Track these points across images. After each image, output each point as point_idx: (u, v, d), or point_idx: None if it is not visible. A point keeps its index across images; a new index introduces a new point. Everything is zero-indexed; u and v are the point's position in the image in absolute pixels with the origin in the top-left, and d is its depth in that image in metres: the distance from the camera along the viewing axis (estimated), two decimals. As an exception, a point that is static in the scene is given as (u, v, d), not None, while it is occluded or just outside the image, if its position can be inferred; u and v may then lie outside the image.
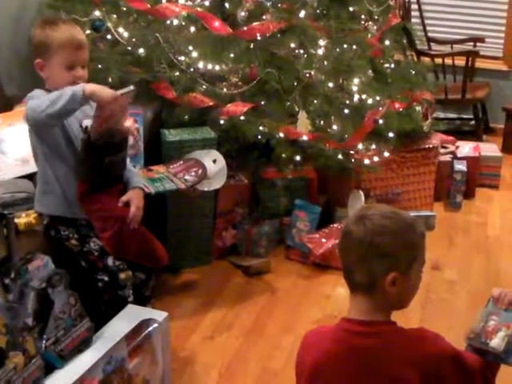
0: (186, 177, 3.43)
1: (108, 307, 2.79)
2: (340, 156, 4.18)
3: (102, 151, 2.79)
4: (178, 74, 3.89)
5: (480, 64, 6.38)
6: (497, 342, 1.92)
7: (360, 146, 4.28)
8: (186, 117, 3.89)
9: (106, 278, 2.82)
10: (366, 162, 4.32)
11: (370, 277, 1.91)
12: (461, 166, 5.08)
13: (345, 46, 4.29)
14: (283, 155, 4.03)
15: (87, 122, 2.82)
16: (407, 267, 1.91)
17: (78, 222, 2.92)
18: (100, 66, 3.83)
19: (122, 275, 2.83)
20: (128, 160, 3.10)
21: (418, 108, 4.88)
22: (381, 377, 1.89)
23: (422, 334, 1.96)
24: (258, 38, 3.91)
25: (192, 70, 3.89)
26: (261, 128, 3.93)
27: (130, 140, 3.35)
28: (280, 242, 4.31)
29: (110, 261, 2.84)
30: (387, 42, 4.83)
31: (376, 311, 1.94)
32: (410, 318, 2.11)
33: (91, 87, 2.63)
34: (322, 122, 4.15)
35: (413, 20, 6.29)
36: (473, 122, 6.53)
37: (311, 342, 2.08)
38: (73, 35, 2.85)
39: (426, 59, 6.03)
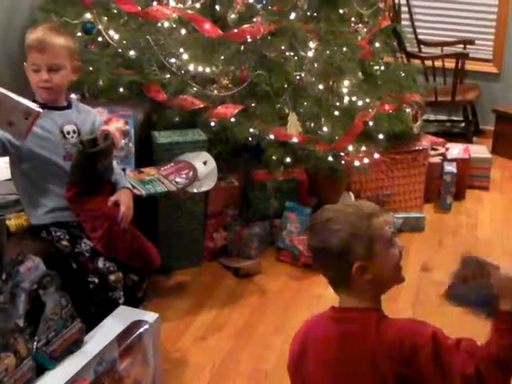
0: (177, 179, 3.44)
1: (99, 309, 2.78)
2: (330, 158, 4.19)
3: (95, 158, 2.85)
4: (168, 76, 3.91)
5: (470, 66, 6.39)
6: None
7: (350, 148, 4.30)
8: (177, 119, 3.90)
9: (97, 280, 2.82)
10: (356, 163, 4.34)
11: (339, 275, 1.98)
12: (451, 168, 5.09)
13: (335, 48, 4.30)
14: (274, 157, 4.04)
15: (69, 128, 2.92)
16: (368, 253, 1.93)
17: (69, 224, 2.93)
18: (91, 68, 3.85)
19: (112, 277, 2.83)
20: (115, 162, 3.12)
21: (408, 110, 4.90)
22: (356, 361, 1.92)
23: (400, 321, 1.98)
24: (249, 40, 3.92)
25: (183, 72, 3.91)
26: (251, 130, 3.94)
27: (121, 142, 3.37)
28: (271, 244, 4.32)
29: (100, 263, 2.84)
30: (377, 45, 4.84)
31: (359, 299, 1.98)
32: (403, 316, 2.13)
33: None
34: (312, 123, 4.17)
35: (403, 22, 6.29)
36: (463, 124, 6.55)
37: (305, 325, 2.15)
38: (39, 37, 2.85)
39: (416, 61, 6.03)
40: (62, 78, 2.93)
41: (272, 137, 4.00)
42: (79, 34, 3.96)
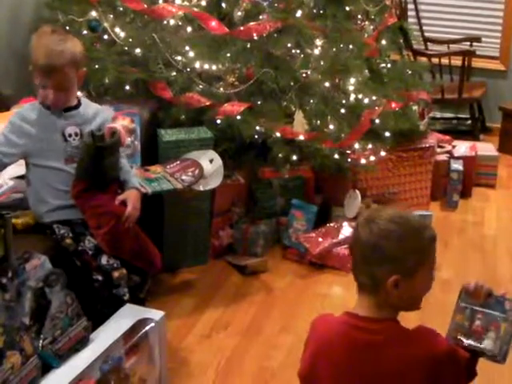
0: (183, 177, 3.44)
1: (105, 306, 2.79)
2: (336, 155, 4.18)
3: (103, 153, 2.86)
4: (174, 73, 3.90)
5: (476, 63, 6.38)
6: (490, 343, 1.95)
7: (356, 146, 4.29)
8: (183, 117, 3.89)
9: (101, 278, 2.82)
10: (363, 161, 4.33)
11: (373, 279, 1.93)
12: (457, 166, 5.08)
13: (341, 45, 4.29)
14: (280, 155, 4.03)
15: (70, 130, 2.92)
16: (412, 271, 1.92)
17: (72, 222, 2.93)
18: (97, 66, 3.84)
19: (116, 274, 2.83)
20: (126, 161, 3.12)
21: (415, 107, 4.89)
22: (380, 373, 1.91)
23: (421, 333, 1.97)
24: (255, 37, 3.91)
25: (189, 69, 3.90)
26: (257, 128, 3.93)
27: (128, 139, 3.37)
28: (277, 242, 4.32)
29: (103, 260, 2.84)
30: (384, 42, 4.83)
31: (380, 309, 1.95)
32: (407, 318, 2.11)
33: None
34: (318, 121, 4.15)
35: (409, 20, 6.27)
36: (469, 122, 6.53)
37: (317, 330, 2.10)
38: (45, 59, 2.81)
39: (423, 59, 6.02)
40: (70, 94, 2.94)
41: (278, 134, 3.99)
42: (85, 31, 3.96)
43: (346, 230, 4.17)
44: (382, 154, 4.48)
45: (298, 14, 4.08)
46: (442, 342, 1.94)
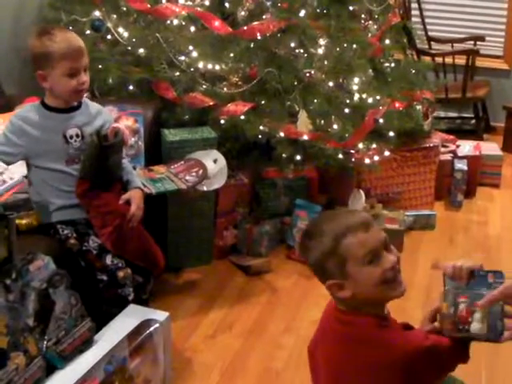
0: (187, 177, 3.43)
1: (109, 307, 2.79)
2: (340, 155, 4.17)
3: (107, 152, 2.87)
4: (178, 73, 3.90)
5: (480, 63, 6.38)
6: (477, 326, 1.91)
7: (360, 146, 4.28)
8: (187, 117, 3.89)
9: (105, 278, 2.83)
10: (367, 161, 4.32)
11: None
12: (461, 165, 5.07)
13: (345, 45, 4.27)
14: (284, 155, 4.03)
15: (72, 132, 2.92)
16: (341, 272, 1.94)
17: (76, 221, 2.93)
18: (100, 66, 3.84)
19: (121, 273, 2.83)
20: (128, 161, 3.13)
21: (419, 107, 4.88)
22: (357, 367, 1.93)
23: (392, 333, 1.98)
24: (258, 37, 3.91)
25: (192, 69, 3.89)
26: (261, 128, 3.93)
27: (131, 140, 3.38)
28: (281, 242, 4.32)
29: (108, 260, 2.85)
30: (387, 41, 4.82)
31: (354, 307, 1.98)
32: (411, 318, 2.11)
33: None
34: (322, 121, 4.15)
35: (413, 19, 6.28)
36: (473, 121, 6.53)
37: (322, 316, 2.16)
38: (72, 44, 2.85)
39: (427, 58, 6.02)
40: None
41: (282, 134, 3.98)
42: (88, 31, 3.96)
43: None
44: (386, 153, 4.47)
45: (302, 13, 4.07)
46: (413, 339, 1.94)
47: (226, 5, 4.05)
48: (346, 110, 4.28)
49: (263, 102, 3.98)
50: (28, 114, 2.91)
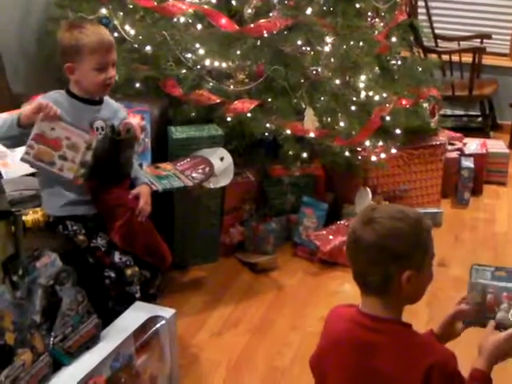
0: (193, 174, 3.44)
1: (116, 304, 2.80)
2: (347, 153, 4.18)
3: (120, 147, 2.87)
4: (184, 71, 3.90)
5: (487, 60, 6.38)
6: (503, 315, 2.01)
7: (367, 143, 4.28)
8: (193, 114, 3.89)
9: (113, 275, 2.83)
10: (373, 158, 4.32)
11: (385, 278, 1.89)
12: (468, 163, 5.07)
13: (351, 42, 4.27)
14: (290, 152, 4.03)
15: (98, 124, 2.92)
16: (420, 264, 1.91)
17: (85, 217, 2.93)
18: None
19: (129, 271, 2.83)
20: (135, 159, 3.13)
21: (425, 105, 4.88)
22: (378, 373, 1.90)
23: (430, 344, 1.97)
24: (265, 35, 3.91)
25: (199, 67, 3.90)
26: (268, 125, 3.93)
27: (142, 136, 3.38)
28: (287, 239, 4.32)
29: (116, 257, 2.84)
30: (394, 39, 4.81)
31: (388, 309, 1.94)
32: (417, 317, 2.11)
33: (26, 113, 2.70)
34: (329, 118, 4.15)
35: (419, 17, 6.28)
36: (480, 119, 6.53)
37: (330, 323, 2.10)
38: (103, 38, 2.85)
39: (433, 56, 6.00)
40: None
41: (289, 132, 3.99)
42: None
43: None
44: (393, 151, 4.47)
45: (308, 11, 4.08)
46: (446, 358, 1.91)
47: (233, 2, 4.06)
48: (353, 108, 4.28)
49: (270, 100, 3.99)
50: (58, 99, 2.87)
